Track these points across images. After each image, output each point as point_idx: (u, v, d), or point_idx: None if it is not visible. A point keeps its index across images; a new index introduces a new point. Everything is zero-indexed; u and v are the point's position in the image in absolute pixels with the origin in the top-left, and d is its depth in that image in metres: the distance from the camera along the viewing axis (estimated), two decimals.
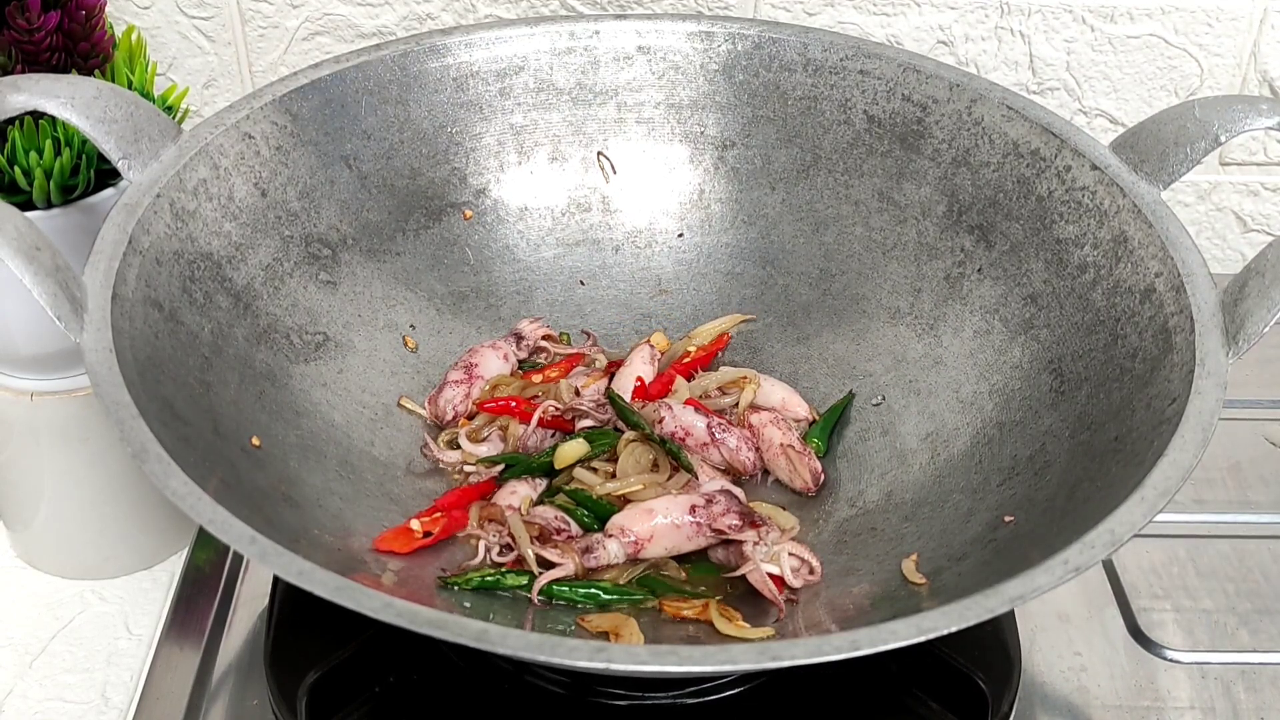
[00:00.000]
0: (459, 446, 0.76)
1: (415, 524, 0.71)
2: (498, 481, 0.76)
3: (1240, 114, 0.72)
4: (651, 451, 0.75)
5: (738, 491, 0.74)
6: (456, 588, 0.68)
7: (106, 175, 0.73)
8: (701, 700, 0.69)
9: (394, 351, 0.81)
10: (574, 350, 0.83)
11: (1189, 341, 0.65)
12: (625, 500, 0.73)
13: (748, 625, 0.68)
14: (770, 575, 0.69)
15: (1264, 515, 0.86)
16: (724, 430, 0.77)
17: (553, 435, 0.78)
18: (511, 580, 0.69)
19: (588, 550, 0.70)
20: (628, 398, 0.79)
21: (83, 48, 0.73)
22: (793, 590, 0.70)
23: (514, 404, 0.78)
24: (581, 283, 0.86)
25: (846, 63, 0.84)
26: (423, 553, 0.70)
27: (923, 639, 0.52)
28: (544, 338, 0.83)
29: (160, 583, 0.82)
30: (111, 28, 0.76)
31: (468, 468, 0.77)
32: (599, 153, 0.87)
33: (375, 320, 0.80)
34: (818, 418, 0.80)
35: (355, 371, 0.78)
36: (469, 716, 0.70)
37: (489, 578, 0.69)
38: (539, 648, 0.52)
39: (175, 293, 0.69)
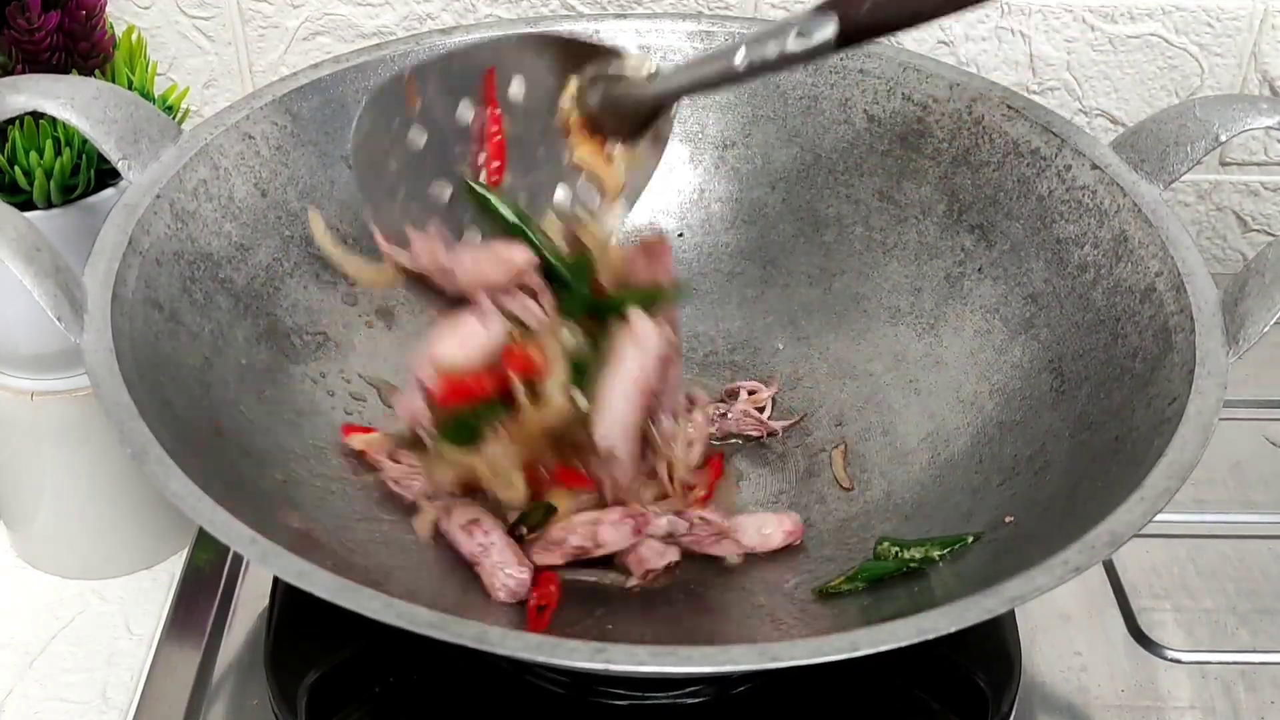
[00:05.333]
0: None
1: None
2: None
3: (1240, 113, 0.72)
4: None
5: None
6: None
7: (106, 175, 0.73)
8: (701, 700, 0.69)
9: (395, 351, 0.81)
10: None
11: (1189, 341, 0.65)
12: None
13: None
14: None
15: (1264, 515, 0.86)
16: None
17: None
18: None
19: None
20: None
21: (83, 48, 0.73)
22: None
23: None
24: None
25: (846, 62, 0.84)
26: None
27: (922, 639, 0.52)
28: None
29: (160, 583, 0.82)
30: (111, 28, 0.76)
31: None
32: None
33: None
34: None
35: (355, 371, 0.78)
36: (469, 716, 0.70)
37: None
38: (539, 648, 0.52)
39: (175, 293, 0.69)
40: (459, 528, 0.69)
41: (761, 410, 0.81)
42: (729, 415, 0.80)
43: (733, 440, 0.80)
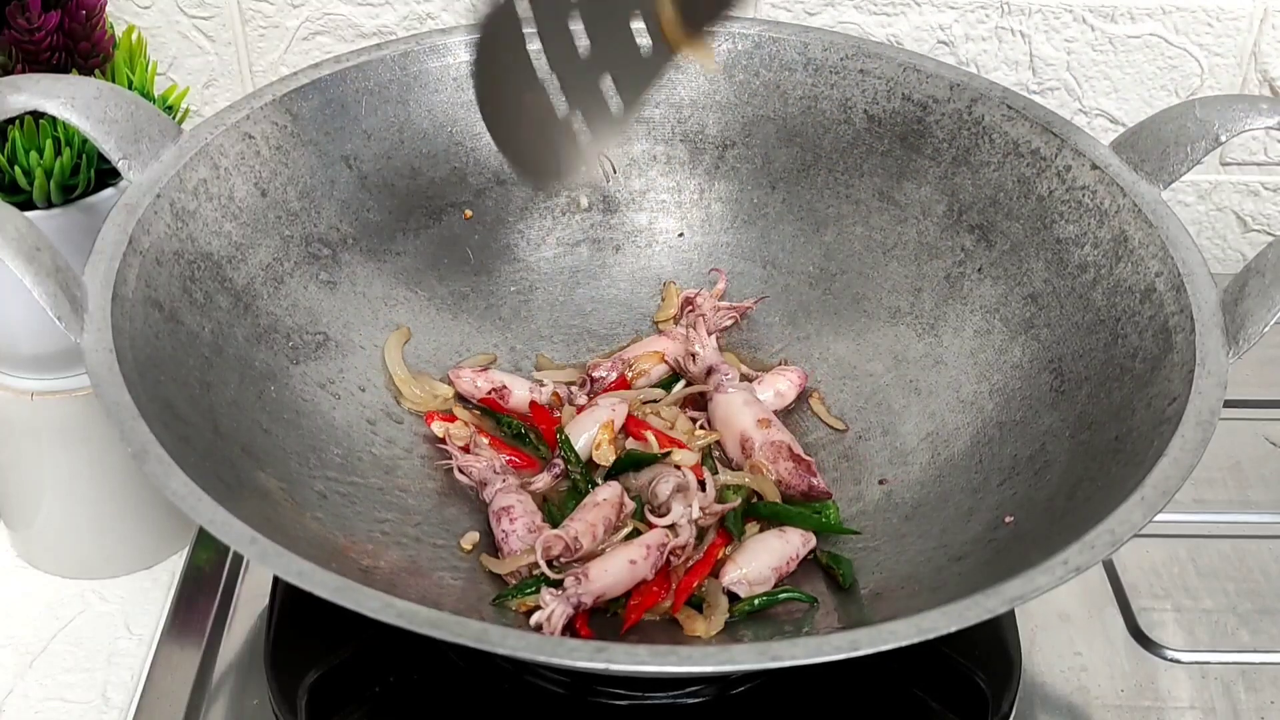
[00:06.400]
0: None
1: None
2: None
3: (1240, 113, 0.72)
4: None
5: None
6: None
7: (106, 175, 0.73)
8: (701, 700, 0.69)
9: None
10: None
11: (1189, 341, 0.65)
12: None
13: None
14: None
15: (1264, 515, 0.86)
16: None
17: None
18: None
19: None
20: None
21: (83, 47, 0.73)
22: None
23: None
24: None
25: (847, 62, 0.84)
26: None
27: (923, 639, 0.52)
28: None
29: (161, 583, 0.82)
30: (112, 27, 0.76)
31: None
32: (599, 152, 0.87)
33: (375, 320, 0.80)
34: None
35: (356, 371, 0.78)
36: (469, 716, 0.70)
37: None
38: (539, 648, 0.52)
39: (175, 293, 0.69)
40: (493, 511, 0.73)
41: (723, 298, 0.85)
42: (705, 316, 0.83)
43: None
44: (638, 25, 0.65)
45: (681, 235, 0.87)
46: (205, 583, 0.80)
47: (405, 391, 0.79)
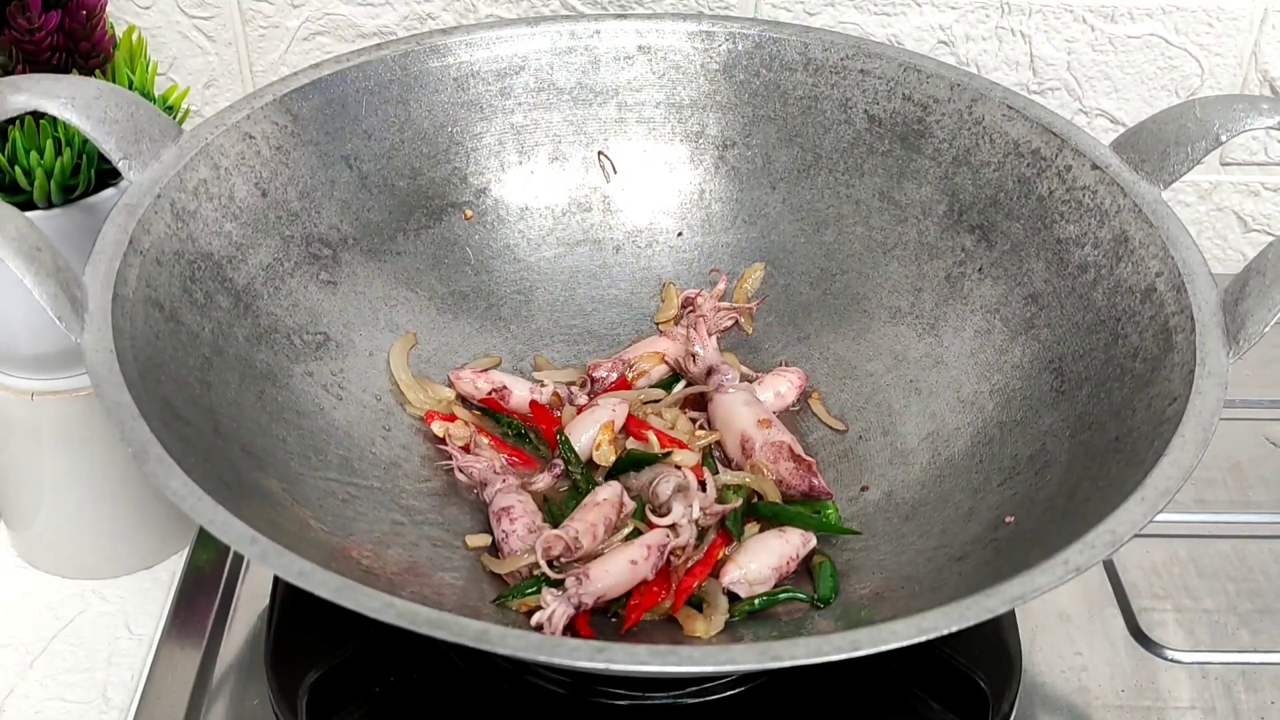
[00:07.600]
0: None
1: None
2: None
3: (1241, 113, 0.72)
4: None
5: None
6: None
7: (107, 175, 0.73)
8: (702, 700, 0.69)
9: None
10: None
11: (1189, 341, 0.65)
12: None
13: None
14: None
15: (1264, 515, 0.86)
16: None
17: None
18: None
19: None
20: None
21: (83, 48, 0.73)
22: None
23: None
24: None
25: (847, 62, 0.84)
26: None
27: (923, 639, 0.52)
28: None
29: (161, 582, 0.82)
30: (112, 28, 0.76)
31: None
32: (599, 152, 0.87)
33: (376, 320, 0.80)
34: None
35: (356, 371, 0.78)
36: (469, 716, 0.70)
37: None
38: (539, 648, 0.52)
39: (176, 293, 0.69)
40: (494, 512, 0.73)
41: (723, 299, 0.85)
42: (705, 317, 0.83)
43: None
44: None
45: (681, 235, 0.87)
46: (205, 583, 0.80)
47: (410, 397, 0.79)
